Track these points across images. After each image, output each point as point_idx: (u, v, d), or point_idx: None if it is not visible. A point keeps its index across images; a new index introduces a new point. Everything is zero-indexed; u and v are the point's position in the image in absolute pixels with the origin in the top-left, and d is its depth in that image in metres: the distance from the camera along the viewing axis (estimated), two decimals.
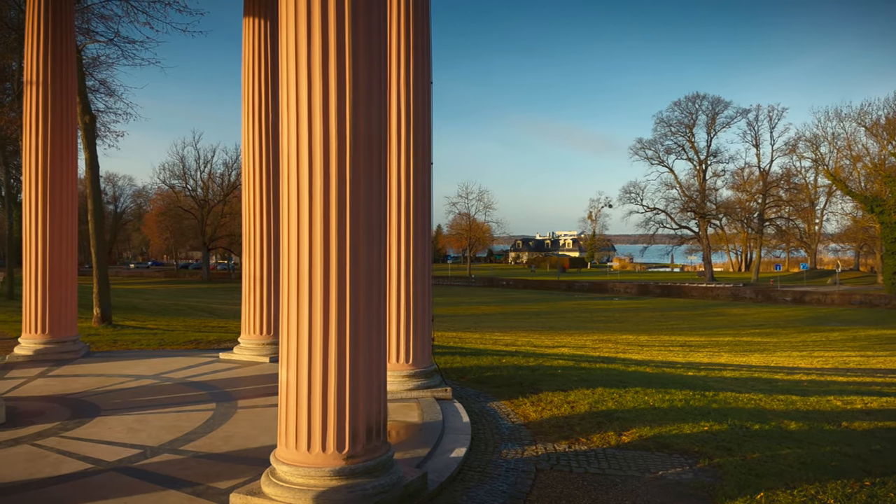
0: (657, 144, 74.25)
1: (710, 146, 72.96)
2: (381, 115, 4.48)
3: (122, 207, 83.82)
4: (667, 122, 73.64)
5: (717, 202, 72.85)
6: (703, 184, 72.39)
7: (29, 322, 9.72)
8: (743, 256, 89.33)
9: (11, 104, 21.47)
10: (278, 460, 4.31)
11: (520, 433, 6.26)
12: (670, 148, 74.02)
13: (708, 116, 72.38)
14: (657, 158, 74.23)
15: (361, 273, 4.33)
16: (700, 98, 72.42)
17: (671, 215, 73.05)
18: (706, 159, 72.92)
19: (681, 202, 73.08)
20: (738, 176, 72.98)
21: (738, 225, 73.60)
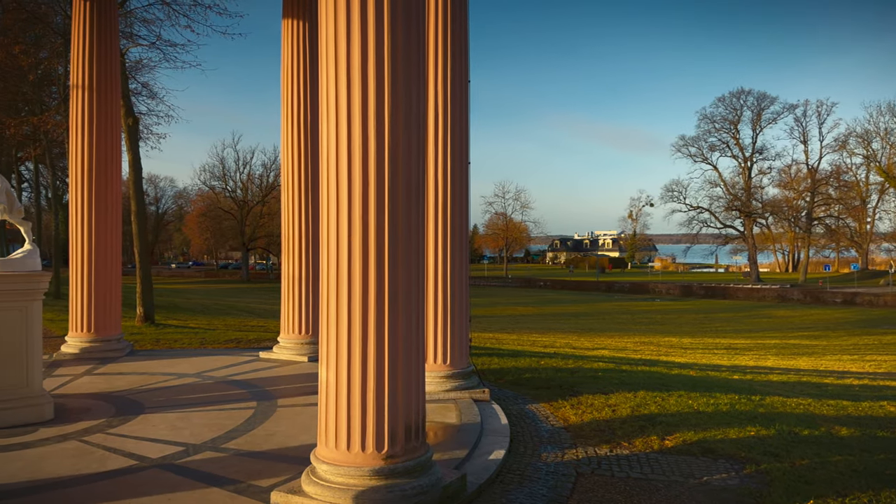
0: (700, 141, 72.91)
1: (755, 143, 71.34)
2: (420, 117, 4.49)
3: (164, 208, 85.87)
4: (710, 119, 72.24)
5: (763, 200, 71.16)
6: (748, 182, 70.80)
7: (75, 321, 10.04)
8: (790, 257, 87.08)
9: (58, 107, 22.22)
10: (318, 459, 4.36)
11: (559, 436, 6.22)
12: (714, 145, 72.61)
13: (753, 112, 70.77)
14: (700, 156, 72.90)
15: (400, 273, 4.35)
16: (745, 93, 70.86)
17: (715, 214, 71.63)
18: (752, 156, 71.30)
19: (725, 200, 71.61)
20: (784, 173, 71.19)
21: (784, 224, 71.73)
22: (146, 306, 16.00)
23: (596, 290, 69.19)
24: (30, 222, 6.76)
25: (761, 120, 70.61)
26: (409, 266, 4.41)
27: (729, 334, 29.76)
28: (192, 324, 17.97)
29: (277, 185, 67.45)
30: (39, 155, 25.45)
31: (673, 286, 65.25)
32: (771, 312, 45.49)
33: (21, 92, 22.37)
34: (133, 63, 20.80)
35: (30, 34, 21.11)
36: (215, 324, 18.89)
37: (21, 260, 6.37)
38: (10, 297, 6.20)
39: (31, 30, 20.83)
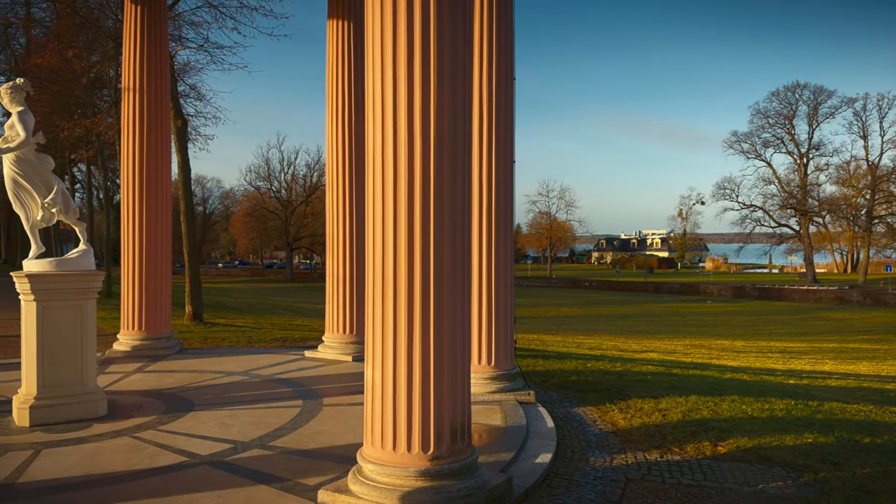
0: (754, 137, 70.99)
1: (811, 138, 69.11)
2: (466, 116, 4.50)
3: (211, 209, 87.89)
4: (764, 114, 70.25)
5: (819, 198, 68.89)
6: (804, 179, 68.65)
7: (127, 319, 10.37)
8: (849, 257, 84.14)
9: (109, 110, 22.97)
10: (364, 458, 4.41)
11: (608, 440, 6.15)
12: (768, 141, 70.61)
13: (810, 107, 68.54)
14: (754, 152, 70.99)
15: (445, 274, 4.37)
16: (801, 87, 68.69)
17: (769, 212, 69.67)
18: (808, 152, 69.11)
19: (780, 198, 69.57)
20: (843, 170, 68.70)
21: (843, 223, 69.27)
22: (195, 305, 16.41)
23: (644, 290, 68.10)
24: (84, 223, 7.00)
25: (818, 115, 68.39)
26: (454, 266, 4.42)
27: (784, 337, 28.94)
28: (239, 322, 18.36)
29: (321, 185, 68.41)
30: (91, 157, 26.37)
31: (725, 287, 63.76)
32: (828, 315, 44.03)
33: (74, 95, 23.20)
34: (181, 65, 21.36)
35: (82, 38, 21.89)
36: (261, 322, 19.27)
37: (76, 260, 6.61)
38: (65, 295, 6.44)
39: (83, 34, 21.59)
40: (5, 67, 33.15)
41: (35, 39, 27.06)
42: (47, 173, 6.64)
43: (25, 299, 6.39)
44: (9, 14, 29.22)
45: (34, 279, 6.28)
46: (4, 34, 34.57)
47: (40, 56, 22.50)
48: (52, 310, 6.37)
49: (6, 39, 34.91)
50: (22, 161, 6.50)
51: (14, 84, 6.59)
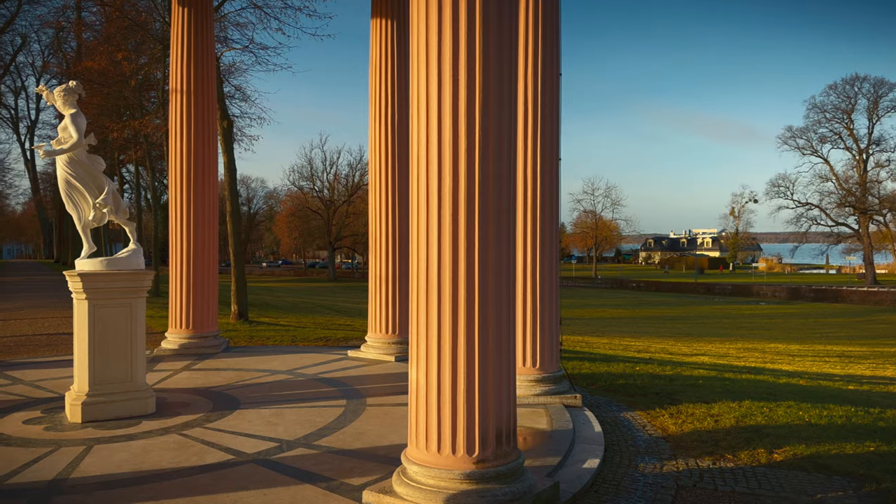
0: (809, 133, 68.81)
1: (871, 133, 66.63)
2: (511, 114, 4.48)
3: (256, 209, 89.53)
4: (821, 108, 68.02)
5: (880, 196, 66.34)
6: (863, 175, 66.27)
7: (175, 318, 10.64)
8: None
9: (156, 111, 23.61)
10: (409, 460, 4.43)
11: (658, 446, 6.05)
12: (825, 136, 68.38)
13: (870, 100, 66.09)
14: (810, 148, 68.86)
15: (490, 274, 4.35)
16: (860, 80, 66.28)
17: (826, 211, 67.49)
18: (867, 148, 66.70)
19: (837, 196, 67.29)
20: None
21: None
22: (240, 304, 16.75)
23: (694, 292, 66.75)
24: (134, 223, 7.20)
25: (878, 108, 65.88)
26: (499, 266, 4.41)
27: (842, 341, 28.00)
28: (283, 321, 18.67)
29: (363, 185, 69.00)
30: (140, 157, 27.16)
31: (779, 288, 62.04)
32: (890, 318, 42.42)
33: (123, 97, 23.92)
34: (227, 67, 21.85)
35: (131, 41, 22.57)
36: (305, 322, 19.55)
37: (126, 259, 6.81)
38: (116, 294, 6.65)
39: (132, 37, 22.26)
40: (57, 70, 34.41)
41: (85, 43, 28.03)
42: (99, 174, 6.86)
43: (78, 298, 6.61)
44: (61, 19, 30.32)
45: (86, 278, 6.49)
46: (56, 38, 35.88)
47: (91, 59, 23.30)
48: (104, 308, 6.58)
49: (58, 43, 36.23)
50: (74, 162, 6.73)
51: (67, 87, 6.82)
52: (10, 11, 36.37)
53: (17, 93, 50.38)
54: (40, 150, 6.73)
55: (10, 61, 41.31)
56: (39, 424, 6.37)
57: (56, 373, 8.81)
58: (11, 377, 8.58)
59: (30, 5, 35.59)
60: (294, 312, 25.16)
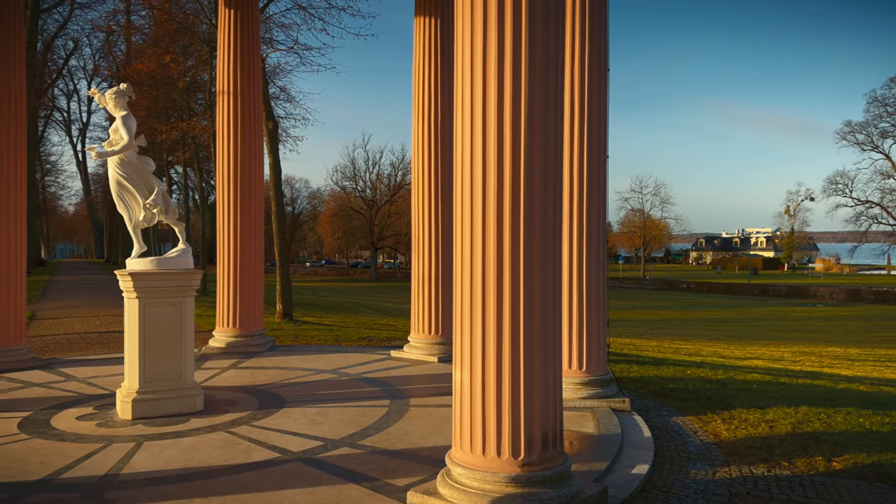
0: (870, 127, 66.31)
1: None
2: (557, 112, 4.45)
3: (299, 209, 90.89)
4: (882, 102, 65.40)
5: None
6: None
7: (222, 317, 10.89)
8: None
9: (203, 113, 24.19)
10: (453, 461, 4.44)
11: (710, 452, 5.93)
12: (886, 131, 65.79)
13: None
14: (870, 143, 66.39)
15: (535, 274, 4.33)
16: None
17: (887, 209, 65.03)
18: None
19: None
20: None
21: None
22: (285, 303, 17.05)
23: (747, 293, 65.20)
24: (183, 223, 7.40)
25: None
26: (545, 266, 4.38)
27: None
28: (327, 321, 18.92)
29: (405, 185, 69.38)
30: (188, 158, 27.88)
31: (837, 290, 60.12)
32: None
33: (171, 99, 24.59)
34: (272, 68, 22.25)
35: (179, 44, 23.18)
36: (348, 321, 19.78)
37: (176, 259, 7.00)
38: (165, 293, 6.83)
39: (179, 39, 22.86)
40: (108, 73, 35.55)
41: (134, 46, 28.90)
42: (149, 175, 7.07)
43: (128, 297, 6.82)
44: (111, 22, 31.33)
45: (137, 277, 6.70)
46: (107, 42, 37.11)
47: (140, 62, 24.02)
48: (153, 307, 6.77)
49: (108, 47, 37.46)
50: (125, 164, 6.95)
51: (118, 89, 7.05)
52: (63, 16, 37.80)
53: (69, 96, 52.37)
54: (93, 151, 6.96)
55: (62, 65, 42.94)
56: (92, 421, 6.60)
57: (107, 370, 9.10)
58: (65, 374, 8.91)
59: (81, 10, 36.96)
60: (337, 312, 25.47)
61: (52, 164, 58.46)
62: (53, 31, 38.35)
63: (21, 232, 9.41)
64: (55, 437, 6.03)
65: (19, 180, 9.36)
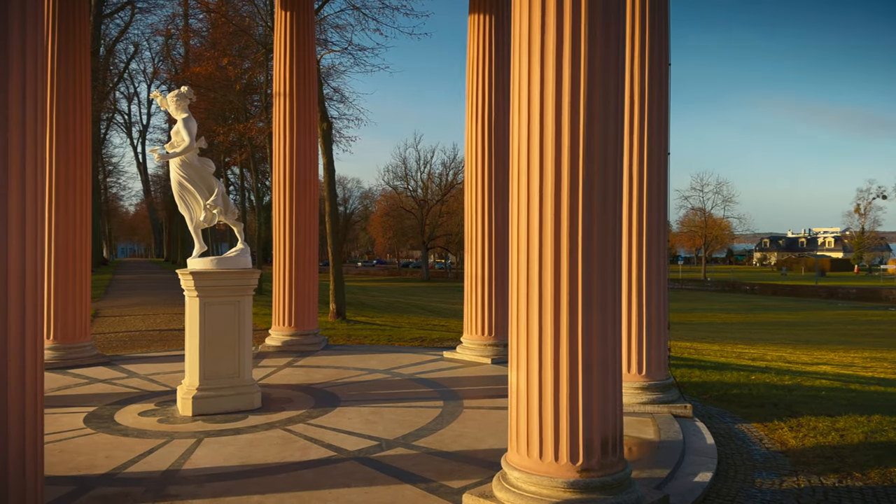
0: None
1: None
2: (618, 110, 4.40)
3: (351, 209, 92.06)
4: None
5: None
6: None
7: (278, 315, 11.13)
8: None
9: (259, 115, 24.75)
10: (510, 465, 4.43)
11: (776, 461, 5.77)
12: None
13: None
14: None
15: (594, 275, 4.29)
16: None
17: None
18: None
19: None
20: None
21: None
22: (338, 303, 17.32)
23: (814, 295, 62.97)
24: (242, 223, 7.59)
25: None
26: (604, 268, 4.34)
27: None
28: (379, 321, 19.12)
29: (456, 184, 69.50)
30: (244, 160, 28.56)
31: None
32: None
33: (228, 101, 25.22)
34: (325, 69, 22.60)
35: (235, 46, 23.79)
36: (400, 321, 19.94)
37: (235, 258, 7.19)
38: (225, 292, 7.03)
39: (236, 42, 23.46)
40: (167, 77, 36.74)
41: (193, 49, 29.76)
42: (209, 176, 7.28)
43: (189, 295, 7.04)
44: (170, 26, 32.37)
45: (198, 277, 6.90)
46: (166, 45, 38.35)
47: (198, 65, 24.73)
48: (213, 306, 6.97)
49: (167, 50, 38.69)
50: (186, 165, 7.17)
51: (180, 92, 7.28)
52: (124, 21, 39.24)
53: (130, 98, 54.26)
54: (155, 153, 7.21)
55: (123, 68, 44.56)
56: (153, 416, 6.84)
57: (167, 367, 9.42)
58: (127, 370, 9.25)
59: (142, 14, 38.30)
60: (389, 312, 25.71)
61: (113, 165, 60.77)
62: (115, 35, 39.88)
63: (86, 232, 9.81)
64: (119, 432, 6.27)
65: (85, 182, 9.76)
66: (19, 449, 3.38)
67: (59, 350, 9.44)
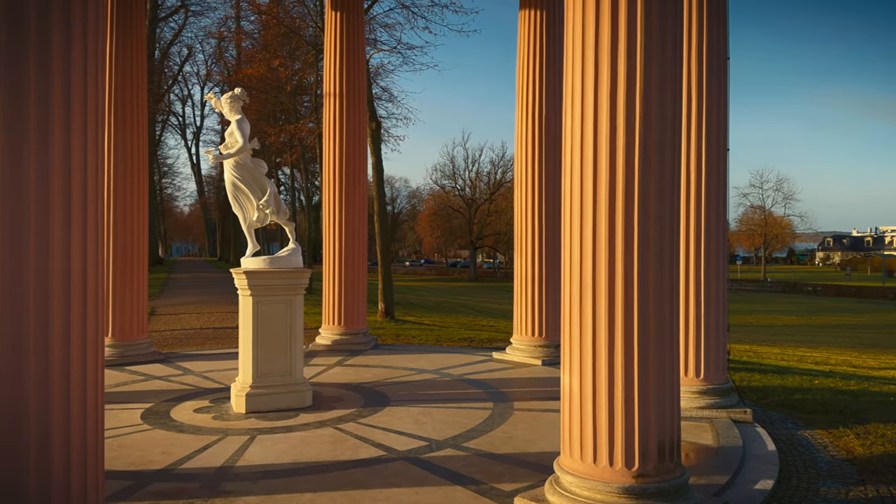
0: None
1: None
2: (675, 106, 4.31)
3: (399, 208, 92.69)
4: None
5: None
6: None
7: (328, 315, 11.28)
8: None
9: (309, 115, 25.13)
10: (562, 469, 4.39)
11: (842, 469, 5.57)
12: None
13: None
14: None
15: (651, 276, 4.22)
16: None
17: None
18: None
19: None
20: None
21: None
22: (387, 302, 17.45)
23: (881, 297, 60.60)
24: (293, 223, 7.72)
25: None
26: (661, 267, 4.25)
27: None
28: (427, 321, 19.20)
29: (505, 183, 69.24)
30: (294, 160, 29.03)
31: None
32: None
33: (279, 102, 25.70)
34: (374, 68, 22.81)
35: (286, 48, 24.20)
36: (448, 321, 19.98)
37: (286, 258, 7.31)
38: (277, 291, 7.16)
39: (287, 44, 23.86)
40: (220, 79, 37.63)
41: (245, 51, 30.40)
42: (262, 177, 7.42)
43: (243, 294, 7.19)
44: (222, 29, 33.14)
45: (251, 276, 7.05)
46: (218, 47, 39.27)
47: (250, 66, 25.24)
48: (266, 304, 7.11)
49: (220, 52, 39.62)
50: (240, 166, 7.32)
51: (233, 94, 7.44)
52: (178, 24, 40.35)
53: (184, 101, 55.71)
54: (210, 154, 7.39)
55: (178, 71, 45.80)
56: (208, 413, 7.01)
57: (221, 364, 9.64)
58: (182, 368, 9.51)
59: (195, 17, 39.34)
60: (437, 312, 25.78)
61: (168, 166, 62.48)
62: (169, 38, 41.02)
63: (143, 232, 10.11)
64: (175, 428, 6.45)
65: (142, 183, 10.07)
66: (81, 444, 3.50)
67: (117, 347, 9.75)
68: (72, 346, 3.46)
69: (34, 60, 3.37)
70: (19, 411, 3.31)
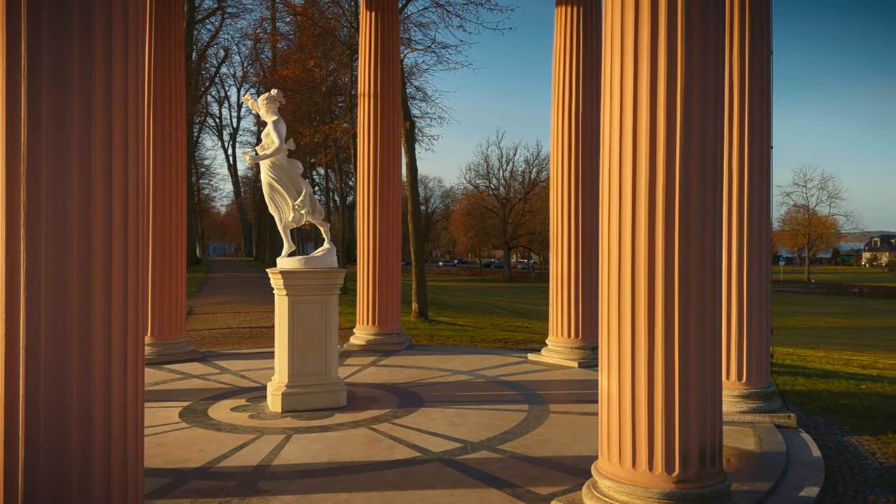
0: None
1: None
2: (717, 103, 4.24)
3: (433, 208, 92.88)
4: None
5: None
6: None
7: (362, 315, 11.35)
8: None
9: (344, 115, 25.33)
10: (600, 473, 4.35)
11: (891, 477, 5.41)
12: None
13: None
14: None
15: (692, 276, 4.15)
16: None
17: None
18: None
19: None
20: None
21: None
22: (421, 303, 17.49)
23: None
24: (328, 223, 7.78)
25: None
26: (702, 268, 4.18)
27: None
28: (461, 321, 19.19)
29: (540, 182, 68.90)
30: (329, 160, 29.29)
31: None
32: None
33: (314, 102, 25.94)
34: (408, 68, 22.88)
35: (321, 48, 24.42)
36: (482, 322, 19.95)
37: (321, 258, 7.37)
38: (312, 291, 7.22)
39: (322, 44, 24.08)
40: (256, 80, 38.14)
41: (280, 52, 30.78)
42: (297, 177, 7.49)
43: (279, 294, 7.27)
44: (258, 30, 33.61)
45: (287, 276, 7.13)
46: (254, 49, 39.82)
47: (285, 67, 25.55)
48: (301, 304, 7.18)
49: (256, 54, 40.17)
50: (276, 166, 7.41)
51: (270, 95, 7.53)
52: (215, 26, 41.03)
53: (220, 102, 56.65)
54: (247, 155, 7.48)
55: (214, 73, 46.60)
56: (245, 412, 7.10)
57: (257, 364, 9.77)
58: (220, 366, 9.66)
59: (231, 19, 39.96)
60: (471, 312, 25.75)
61: (206, 167, 63.62)
62: (206, 40, 41.74)
63: (182, 232, 10.30)
64: (212, 426, 6.55)
65: (180, 184, 10.25)
66: (121, 441, 3.57)
67: (156, 346, 9.94)
68: (112, 344, 3.52)
69: (77, 36, 3.38)
70: (63, 407, 3.38)
